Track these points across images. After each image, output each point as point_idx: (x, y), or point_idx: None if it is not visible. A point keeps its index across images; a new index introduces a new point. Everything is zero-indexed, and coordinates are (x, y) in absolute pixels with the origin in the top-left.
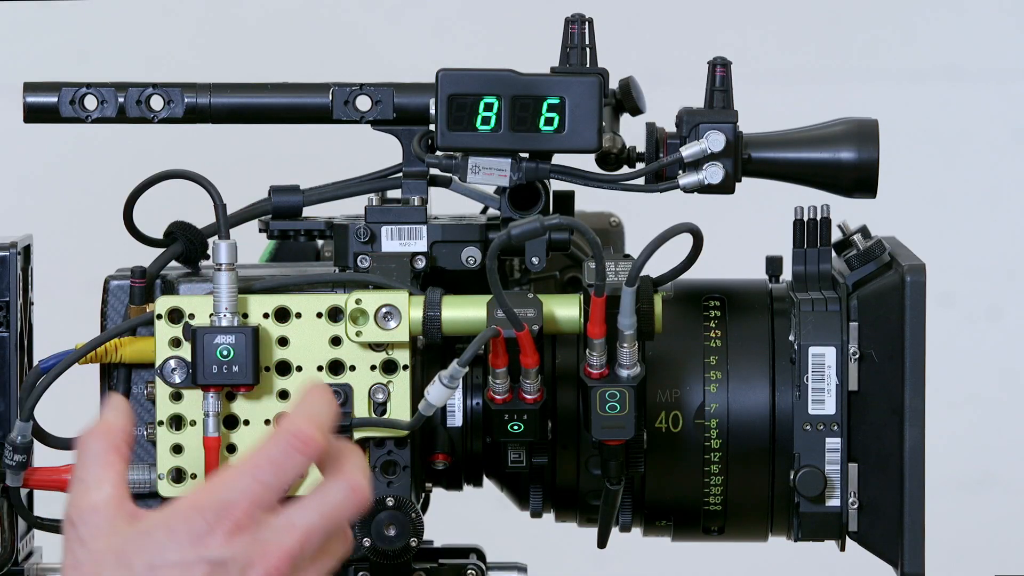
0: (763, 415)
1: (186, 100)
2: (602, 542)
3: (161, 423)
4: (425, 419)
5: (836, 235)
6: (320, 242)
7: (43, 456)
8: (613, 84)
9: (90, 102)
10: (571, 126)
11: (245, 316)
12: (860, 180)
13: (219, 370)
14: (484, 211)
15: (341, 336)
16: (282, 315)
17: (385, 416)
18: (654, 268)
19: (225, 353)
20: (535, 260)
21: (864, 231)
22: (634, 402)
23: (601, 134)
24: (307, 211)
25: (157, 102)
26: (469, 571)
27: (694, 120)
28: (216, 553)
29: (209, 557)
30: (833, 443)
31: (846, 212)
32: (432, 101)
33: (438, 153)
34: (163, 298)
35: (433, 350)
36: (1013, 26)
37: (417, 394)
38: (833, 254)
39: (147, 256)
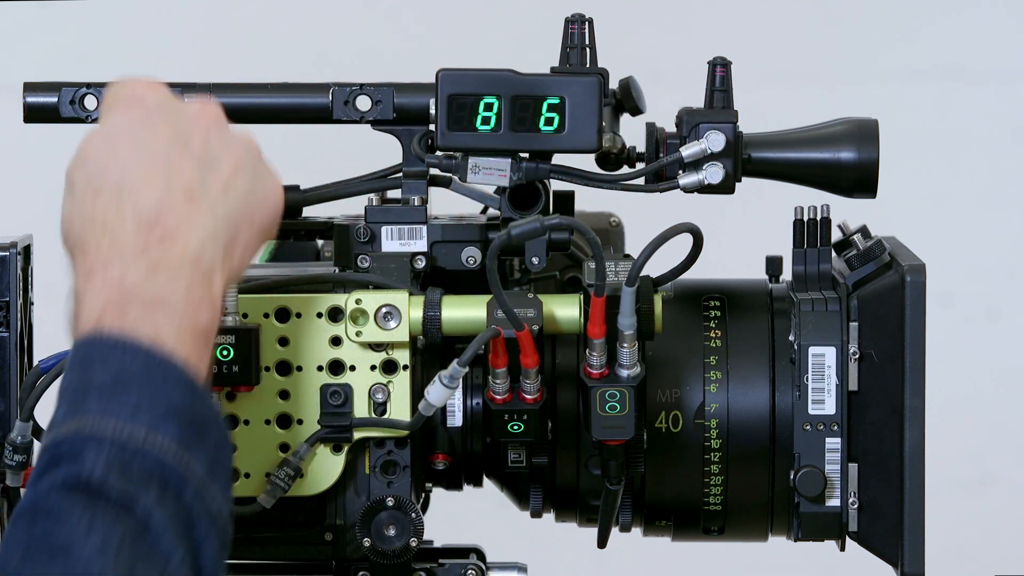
0: (763, 415)
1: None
2: (602, 542)
3: None
4: (425, 419)
5: (836, 235)
6: (320, 242)
7: None
8: (613, 84)
9: (90, 102)
10: (571, 126)
11: (245, 316)
12: (860, 180)
13: (219, 370)
14: (484, 211)
15: (341, 336)
16: (282, 315)
17: (385, 416)
18: (654, 268)
19: (225, 353)
20: (535, 260)
21: (864, 231)
22: (634, 402)
23: (601, 134)
24: (307, 211)
25: None
26: (469, 571)
27: (694, 120)
28: (156, 102)
29: (153, 105)
30: (833, 443)
31: (846, 212)
32: (432, 101)
33: (438, 153)
34: None
35: (433, 350)
36: (1013, 26)
37: (417, 394)
38: (833, 254)
39: None
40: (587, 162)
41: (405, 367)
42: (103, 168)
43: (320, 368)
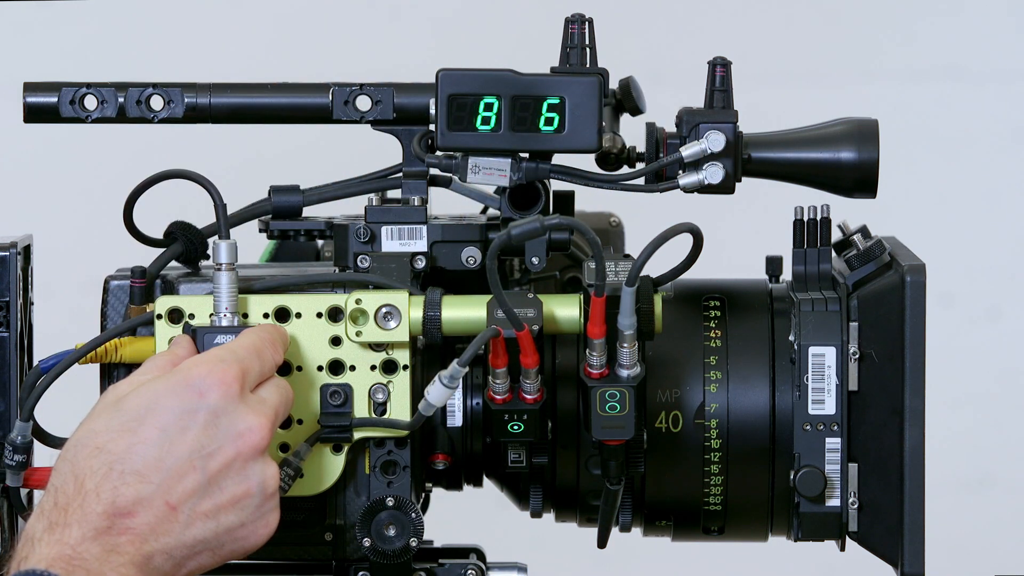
0: (763, 415)
1: (186, 100)
2: (602, 542)
3: None
4: (425, 419)
5: (836, 235)
6: (320, 242)
7: (43, 456)
8: (613, 84)
9: (90, 102)
10: (571, 126)
11: (245, 316)
12: (860, 180)
13: None
14: (484, 211)
15: (341, 336)
16: (282, 315)
17: (385, 416)
18: (654, 268)
19: None
20: (535, 260)
21: (864, 231)
22: (634, 402)
23: (601, 134)
24: (307, 211)
25: (157, 102)
26: (469, 571)
27: (694, 120)
28: (214, 403)
29: (209, 406)
30: (833, 443)
31: (846, 212)
32: (432, 101)
33: (438, 153)
34: (163, 298)
35: (433, 350)
36: (1013, 26)
37: (417, 394)
38: (833, 254)
39: (147, 256)
40: (587, 162)
41: (405, 367)
42: (119, 433)
43: (320, 368)
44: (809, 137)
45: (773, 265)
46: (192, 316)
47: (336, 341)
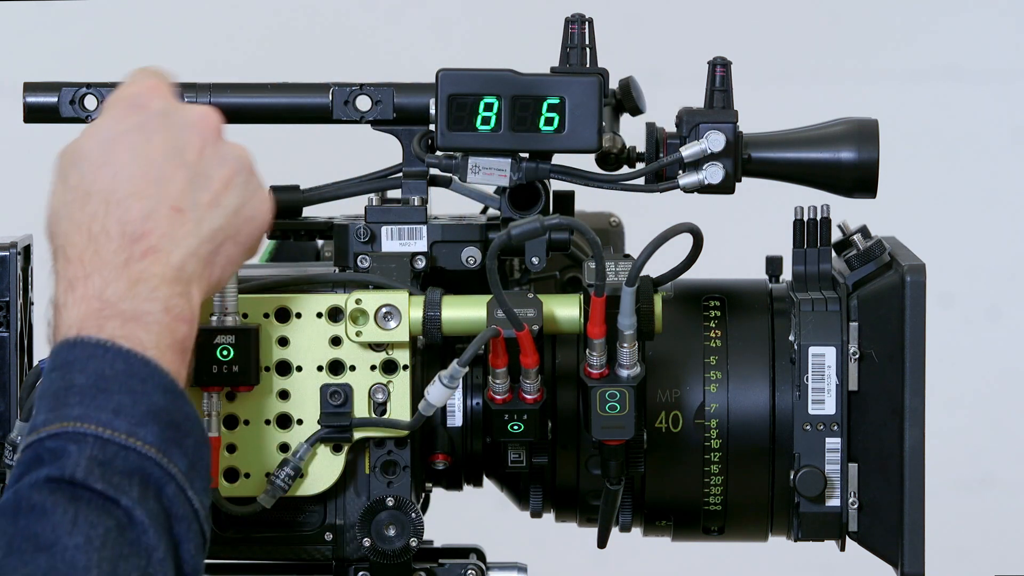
0: (763, 415)
1: (186, 100)
2: (602, 542)
3: None
4: (425, 419)
5: (836, 235)
6: (320, 242)
7: None
8: (613, 84)
9: (90, 102)
10: (571, 126)
11: (245, 316)
12: (860, 180)
13: (219, 370)
14: (484, 211)
15: (341, 336)
16: (282, 315)
17: (385, 416)
18: (654, 268)
19: (225, 353)
20: (535, 260)
21: (864, 231)
22: (634, 402)
23: (601, 134)
24: (307, 211)
25: None
26: (469, 571)
27: (694, 120)
28: (160, 107)
29: (156, 111)
30: (833, 443)
31: (846, 212)
32: (432, 101)
33: (438, 153)
34: None
35: (433, 350)
36: (1013, 26)
37: (417, 394)
38: (833, 254)
39: None
40: (587, 162)
41: (405, 367)
42: (96, 172)
43: (320, 368)
44: (809, 137)
45: (773, 265)
46: None
47: (336, 341)
